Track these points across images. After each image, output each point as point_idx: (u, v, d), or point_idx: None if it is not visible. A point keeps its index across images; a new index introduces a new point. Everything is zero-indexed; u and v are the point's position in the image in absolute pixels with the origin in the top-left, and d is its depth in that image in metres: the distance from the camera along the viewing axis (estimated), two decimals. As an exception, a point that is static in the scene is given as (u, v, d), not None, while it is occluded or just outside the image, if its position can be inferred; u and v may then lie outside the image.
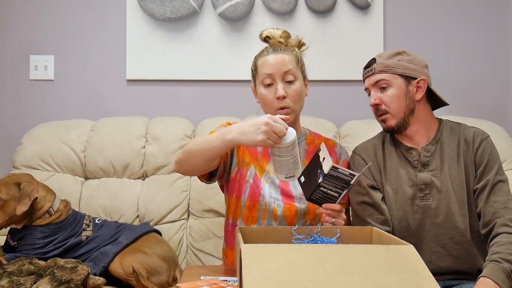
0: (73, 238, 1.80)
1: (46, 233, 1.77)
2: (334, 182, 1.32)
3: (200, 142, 1.45)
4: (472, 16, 2.45)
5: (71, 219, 1.84)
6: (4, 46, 2.41)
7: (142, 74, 2.40)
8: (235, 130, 1.35)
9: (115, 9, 2.41)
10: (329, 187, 1.33)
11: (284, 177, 1.35)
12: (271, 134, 1.28)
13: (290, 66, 1.55)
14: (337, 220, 1.39)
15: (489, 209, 1.44)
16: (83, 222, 1.86)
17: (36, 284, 1.49)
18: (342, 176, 1.30)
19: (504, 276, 1.27)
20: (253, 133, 1.31)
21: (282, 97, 1.53)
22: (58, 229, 1.79)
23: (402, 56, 1.55)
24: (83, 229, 1.83)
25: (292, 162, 1.32)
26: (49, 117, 2.36)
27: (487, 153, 1.50)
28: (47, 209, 1.79)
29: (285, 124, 1.31)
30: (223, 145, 1.39)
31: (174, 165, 1.53)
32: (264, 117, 1.31)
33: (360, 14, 2.41)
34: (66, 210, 1.85)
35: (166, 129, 2.21)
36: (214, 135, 1.42)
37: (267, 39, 1.62)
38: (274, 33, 1.61)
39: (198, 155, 1.44)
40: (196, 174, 1.57)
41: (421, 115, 1.56)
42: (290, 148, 1.30)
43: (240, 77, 2.38)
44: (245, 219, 1.58)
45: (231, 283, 1.30)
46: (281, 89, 1.53)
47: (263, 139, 1.29)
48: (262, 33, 1.64)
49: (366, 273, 1.02)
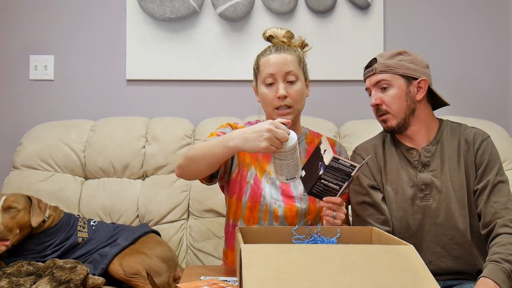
0: (69, 240, 1.80)
1: (41, 240, 1.77)
2: (335, 174, 1.31)
3: (202, 148, 1.44)
4: (472, 16, 2.45)
5: (64, 221, 1.84)
6: (4, 46, 2.41)
7: (142, 74, 2.40)
8: (237, 137, 1.35)
9: (115, 9, 2.41)
10: (329, 179, 1.33)
11: (284, 179, 1.35)
12: (274, 140, 1.28)
13: (292, 66, 1.55)
14: (337, 214, 1.38)
15: (490, 210, 1.44)
16: (78, 224, 1.86)
17: (35, 284, 1.49)
18: (343, 168, 1.30)
19: (504, 276, 1.27)
20: (256, 140, 1.30)
21: (283, 96, 1.54)
22: (53, 233, 1.80)
23: (403, 56, 1.55)
24: (78, 231, 1.83)
25: (293, 165, 1.32)
26: (49, 117, 2.36)
27: (488, 153, 1.50)
28: (40, 222, 1.78)
29: (287, 129, 1.30)
30: (225, 152, 1.39)
31: (176, 170, 1.53)
32: (266, 124, 1.30)
33: (360, 14, 2.41)
34: (57, 214, 1.85)
35: (166, 129, 2.21)
36: (216, 141, 1.42)
37: (271, 38, 1.63)
38: (277, 33, 1.62)
39: (200, 161, 1.44)
40: (198, 179, 1.57)
41: (421, 116, 1.56)
42: (292, 151, 1.30)
43: (240, 77, 2.38)
44: (246, 220, 1.58)
45: (231, 283, 1.30)
46: (282, 89, 1.54)
47: (266, 146, 1.29)
48: (265, 32, 1.64)
49: (366, 273, 1.01)
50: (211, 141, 1.45)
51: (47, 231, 1.79)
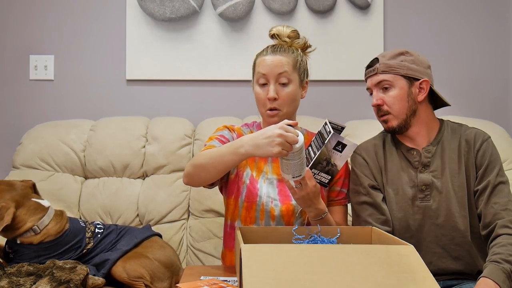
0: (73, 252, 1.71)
1: (39, 252, 1.67)
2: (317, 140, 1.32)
3: (211, 156, 1.45)
4: (472, 16, 2.45)
5: (68, 234, 1.72)
6: (4, 46, 2.41)
7: (142, 74, 2.40)
8: (248, 143, 1.36)
9: (115, 9, 2.41)
10: (313, 146, 1.33)
11: (291, 177, 1.35)
12: (285, 144, 1.29)
13: (286, 68, 1.55)
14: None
15: (490, 211, 1.43)
16: (85, 236, 1.76)
17: (35, 284, 1.49)
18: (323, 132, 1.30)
19: (504, 276, 1.27)
20: (267, 146, 1.31)
21: (272, 98, 1.55)
22: (53, 246, 1.69)
23: (405, 57, 1.54)
24: (86, 243, 1.75)
25: (300, 164, 1.32)
26: (49, 117, 2.36)
27: (488, 154, 1.50)
28: (30, 227, 1.68)
29: (295, 131, 1.31)
30: (236, 159, 1.40)
31: (184, 179, 1.53)
32: (276, 129, 1.31)
33: (360, 14, 2.41)
34: (58, 227, 1.71)
35: (166, 129, 2.21)
36: (225, 148, 1.42)
37: (275, 36, 1.63)
38: (282, 31, 1.62)
39: (210, 169, 1.45)
40: (206, 185, 1.57)
41: (422, 116, 1.55)
42: (300, 151, 1.31)
43: (240, 77, 2.38)
44: (243, 220, 1.58)
45: (231, 283, 1.30)
46: (272, 91, 1.54)
47: (278, 151, 1.29)
48: (271, 30, 1.64)
49: (366, 273, 1.01)
50: (220, 149, 1.45)
51: (43, 244, 1.67)
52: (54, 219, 1.73)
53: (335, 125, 1.30)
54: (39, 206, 1.73)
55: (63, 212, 1.80)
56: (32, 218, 1.69)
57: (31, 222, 1.68)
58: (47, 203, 1.76)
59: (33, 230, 1.68)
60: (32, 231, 1.68)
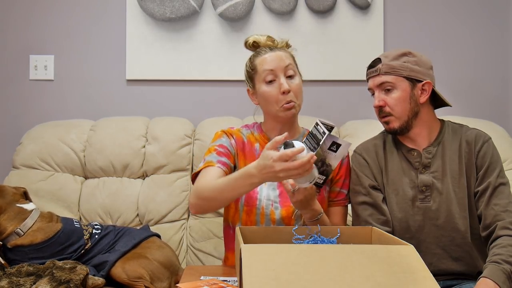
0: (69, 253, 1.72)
1: (31, 254, 1.69)
2: (311, 141, 1.31)
3: (222, 189, 1.42)
4: (472, 16, 2.45)
5: (61, 235, 1.73)
6: (4, 46, 2.41)
7: (142, 74, 2.40)
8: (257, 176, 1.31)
9: (115, 9, 2.41)
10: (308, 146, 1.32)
11: (308, 184, 1.33)
12: (291, 172, 1.25)
13: (289, 61, 1.58)
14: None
15: (490, 212, 1.43)
16: (84, 237, 1.76)
17: (35, 284, 1.49)
18: (316, 133, 1.30)
19: (504, 277, 1.27)
20: (277, 179, 1.32)
21: (287, 91, 1.54)
22: (45, 248, 1.70)
23: (408, 58, 1.52)
24: (85, 243, 1.76)
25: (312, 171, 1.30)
26: (49, 117, 2.36)
27: (489, 155, 1.49)
28: (12, 231, 1.70)
29: (293, 151, 1.24)
30: (251, 188, 1.40)
31: (192, 209, 1.53)
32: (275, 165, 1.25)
33: (360, 14, 2.41)
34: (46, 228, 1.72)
35: (166, 129, 2.21)
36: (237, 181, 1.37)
37: (255, 44, 1.64)
38: (260, 39, 1.64)
39: (221, 199, 1.47)
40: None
41: (424, 118, 1.55)
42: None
43: (240, 77, 2.34)
44: (244, 223, 1.58)
45: (231, 283, 1.30)
46: (285, 83, 1.54)
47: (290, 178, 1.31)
48: (248, 40, 1.65)
49: (366, 273, 1.01)
50: (230, 180, 1.40)
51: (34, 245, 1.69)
52: (40, 220, 1.75)
53: (326, 124, 1.29)
54: (21, 211, 1.76)
55: (52, 214, 1.82)
56: (12, 223, 1.71)
57: (12, 226, 1.71)
58: (31, 207, 1.79)
59: (17, 233, 1.71)
60: (16, 234, 1.71)
